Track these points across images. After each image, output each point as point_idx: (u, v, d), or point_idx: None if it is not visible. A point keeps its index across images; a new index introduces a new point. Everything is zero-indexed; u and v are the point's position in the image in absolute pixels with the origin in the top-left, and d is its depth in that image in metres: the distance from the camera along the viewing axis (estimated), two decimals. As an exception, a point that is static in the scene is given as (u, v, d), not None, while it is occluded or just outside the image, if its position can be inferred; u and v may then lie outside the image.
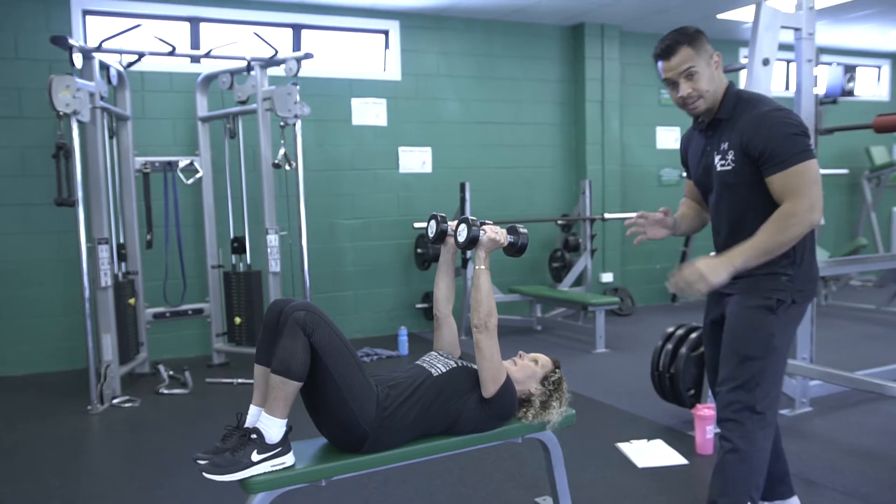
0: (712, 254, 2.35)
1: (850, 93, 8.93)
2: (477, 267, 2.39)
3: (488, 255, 2.42)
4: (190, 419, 4.18)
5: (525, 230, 2.51)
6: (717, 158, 2.33)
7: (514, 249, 2.49)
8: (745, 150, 2.23)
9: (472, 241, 2.41)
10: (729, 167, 2.29)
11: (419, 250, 6.37)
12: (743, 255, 2.17)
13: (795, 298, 2.27)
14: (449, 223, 2.58)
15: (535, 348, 2.38)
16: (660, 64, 2.34)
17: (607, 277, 7.28)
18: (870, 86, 9.22)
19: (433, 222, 2.58)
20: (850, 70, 8.95)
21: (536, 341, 5.99)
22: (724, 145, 2.30)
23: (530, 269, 6.99)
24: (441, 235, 2.57)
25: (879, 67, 9.17)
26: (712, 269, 2.15)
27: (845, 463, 3.22)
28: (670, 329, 3.99)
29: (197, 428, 4.02)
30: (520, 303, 6.67)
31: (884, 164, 8.12)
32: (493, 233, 2.43)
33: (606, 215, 6.70)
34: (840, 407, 3.98)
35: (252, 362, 2.36)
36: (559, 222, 6.89)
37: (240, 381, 4.85)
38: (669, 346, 3.78)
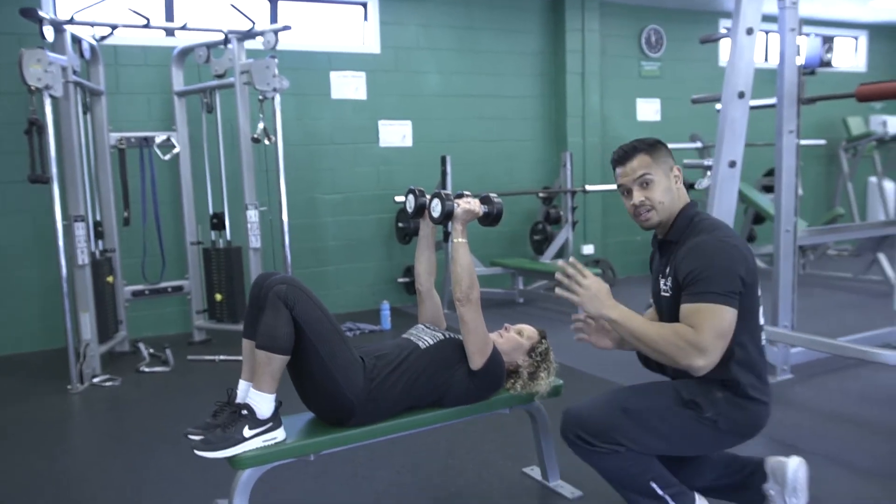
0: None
1: (829, 63, 9.03)
2: (455, 240, 2.37)
3: (465, 227, 2.40)
4: (172, 397, 4.14)
5: (499, 199, 2.50)
6: (661, 282, 2.23)
7: (490, 219, 2.49)
8: (676, 275, 2.12)
9: (448, 216, 2.39)
10: (668, 294, 2.18)
11: (400, 224, 6.34)
12: (628, 322, 2.06)
13: (720, 424, 2.12)
14: (428, 197, 2.56)
15: (519, 320, 2.38)
16: (617, 170, 2.25)
17: (588, 249, 7.30)
18: (847, 57, 9.27)
19: (411, 196, 2.56)
20: (828, 41, 9.04)
21: (519, 314, 6.01)
22: (668, 269, 2.19)
23: (511, 242, 6.99)
24: (420, 209, 2.55)
25: (857, 38, 9.21)
26: (608, 304, 2.05)
27: (828, 429, 3.27)
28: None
29: (180, 406, 3.98)
30: (502, 276, 6.67)
31: (860, 134, 8.19)
32: (467, 204, 2.41)
33: (588, 187, 6.71)
34: (820, 374, 4.04)
35: (234, 339, 2.35)
36: (540, 195, 6.88)
37: (222, 357, 4.81)
38: (650, 309, 3.79)
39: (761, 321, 2.19)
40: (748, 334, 2.12)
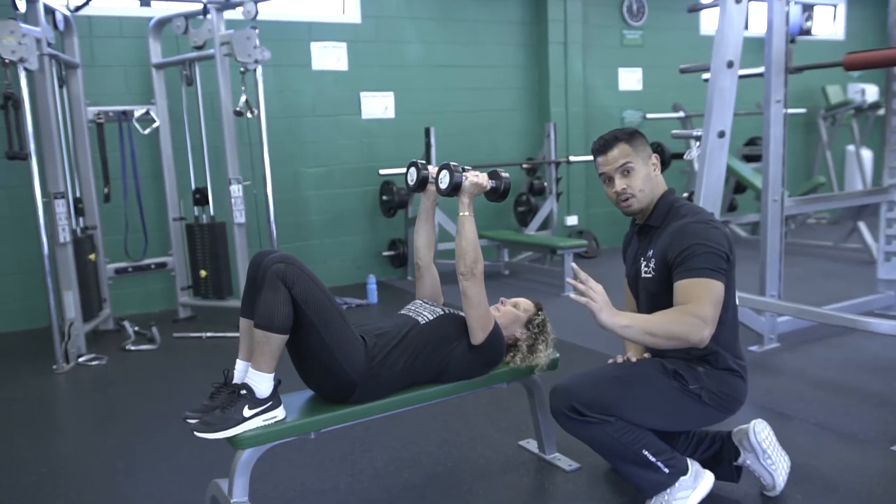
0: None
1: (808, 32, 9.03)
2: (461, 213, 2.36)
3: (472, 200, 2.38)
4: (161, 375, 4.11)
5: (507, 174, 2.48)
6: (643, 265, 2.30)
7: (497, 194, 2.47)
8: (663, 258, 2.19)
9: (455, 188, 2.37)
10: (650, 275, 2.26)
11: (384, 197, 6.30)
12: (640, 323, 2.03)
13: (704, 397, 2.20)
14: (430, 169, 2.53)
15: (505, 292, 2.38)
16: (598, 159, 2.33)
17: (572, 220, 7.31)
18: (826, 25, 9.28)
19: (413, 169, 2.53)
20: (808, 9, 9.03)
21: (505, 286, 6.01)
22: (650, 252, 2.27)
23: (496, 214, 6.97)
24: (422, 183, 2.53)
25: (835, 6, 9.23)
26: (612, 312, 2.01)
27: (814, 396, 3.32)
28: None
29: (170, 384, 3.95)
30: (487, 248, 6.64)
31: (839, 102, 8.22)
32: (476, 177, 2.39)
33: (571, 158, 6.69)
34: (806, 342, 4.09)
35: (220, 315, 2.32)
36: (524, 166, 6.86)
37: (209, 335, 4.77)
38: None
39: (736, 301, 2.31)
40: (724, 317, 2.19)
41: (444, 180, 2.40)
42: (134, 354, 4.49)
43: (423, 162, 2.56)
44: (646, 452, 2.19)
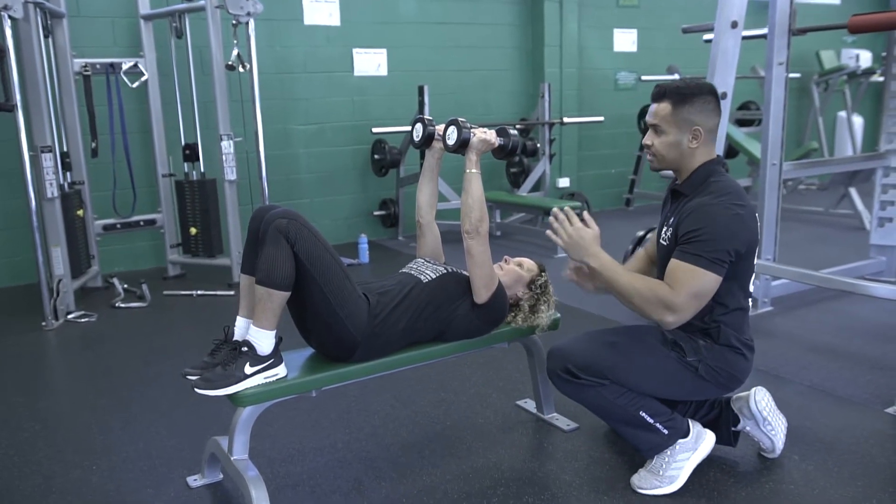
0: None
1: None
2: (468, 171, 2.32)
3: (479, 157, 2.34)
4: (152, 333, 4.07)
5: (515, 132, 2.45)
6: (664, 230, 2.26)
7: (505, 152, 2.44)
8: (676, 231, 2.15)
9: (463, 144, 2.33)
10: (665, 243, 2.23)
11: (376, 156, 6.22)
12: (606, 272, 2.14)
13: (701, 370, 2.19)
14: (436, 126, 2.49)
15: (496, 254, 2.35)
16: (651, 105, 2.27)
17: (564, 182, 7.28)
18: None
19: (419, 125, 2.49)
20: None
21: (498, 247, 5.94)
22: (672, 220, 2.22)
23: (488, 175, 6.91)
24: (428, 139, 2.48)
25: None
26: (591, 252, 2.14)
27: (809, 359, 3.34)
28: (640, 233, 4.02)
29: (162, 342, 3.91)
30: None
31: (832, 68, 8.19)
32: (484, 134, 2.35)
33: (566, 119, 6.63)
34: (799, 306, 4.12)
35: (210, 273, 2.28)
36: (517, 126, 6.78)
37: (199, 292, 4.72)
38: (640, 249, 3.79)
39: (751, 288, 2.28)
40: (735, 297, 2.20)
41: (453, 136, 2.36)
42: (124, 312, 4.45)
43: (430, 118, 2.51)
44: (643, 414, 2.19)
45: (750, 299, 2.30)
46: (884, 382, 3.03)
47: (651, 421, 2.20)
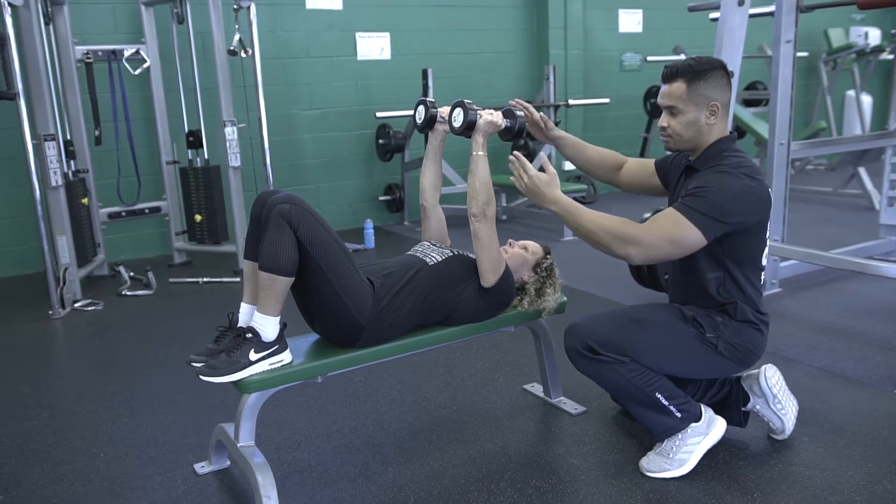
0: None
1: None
2: (475, 153, 2.30)
3: (486, 140, 2.31)
4: (159, 320, 4.07)
5: (521, 113, 2.42)
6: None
7: (511, 134, 2.41)
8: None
9: (470, 126, 2.31)
10: None
11: (381, 141, 6.19)
12: (568, 215, 2.15)
13: (720, 347, 2.18)
14: (439, 109, 2.46)
15: (502, 238, 2.34)
16: (662, 86, 2.23)
17: (569, 165, 7.21)
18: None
19: (422, 107, 2.46)
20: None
21: (505, 230, 5.89)
22: (684, 192, 2.17)
23: (493, 158, 6.78)
24: (430, 121, 2.46)
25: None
26: (548, 198, 2.16)
27: (818, 340, 3.31)
28: (647, 214, 3.98)
29: (169, 329, 3.91)
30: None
31: (841, 46, 8.09)
32: (490, 115, 2.33)
33: (571, 101, 6.58)
34: (807, 287, 4.08)
35: (215, 260, 2.26)
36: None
37: (205, 280, 4.72)
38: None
39: (764, 262, 2.26)
40: (749, 272, 2.19)
41: (458, 118, 2.33)
42: (130, 300, 4.45)
43: (433, 100, 2.48)
44: (658, 395, 2.18)
45: (763, 273, 2.28)
46: (894, 363, 3.01)
47: (665, 403, 2.19)
